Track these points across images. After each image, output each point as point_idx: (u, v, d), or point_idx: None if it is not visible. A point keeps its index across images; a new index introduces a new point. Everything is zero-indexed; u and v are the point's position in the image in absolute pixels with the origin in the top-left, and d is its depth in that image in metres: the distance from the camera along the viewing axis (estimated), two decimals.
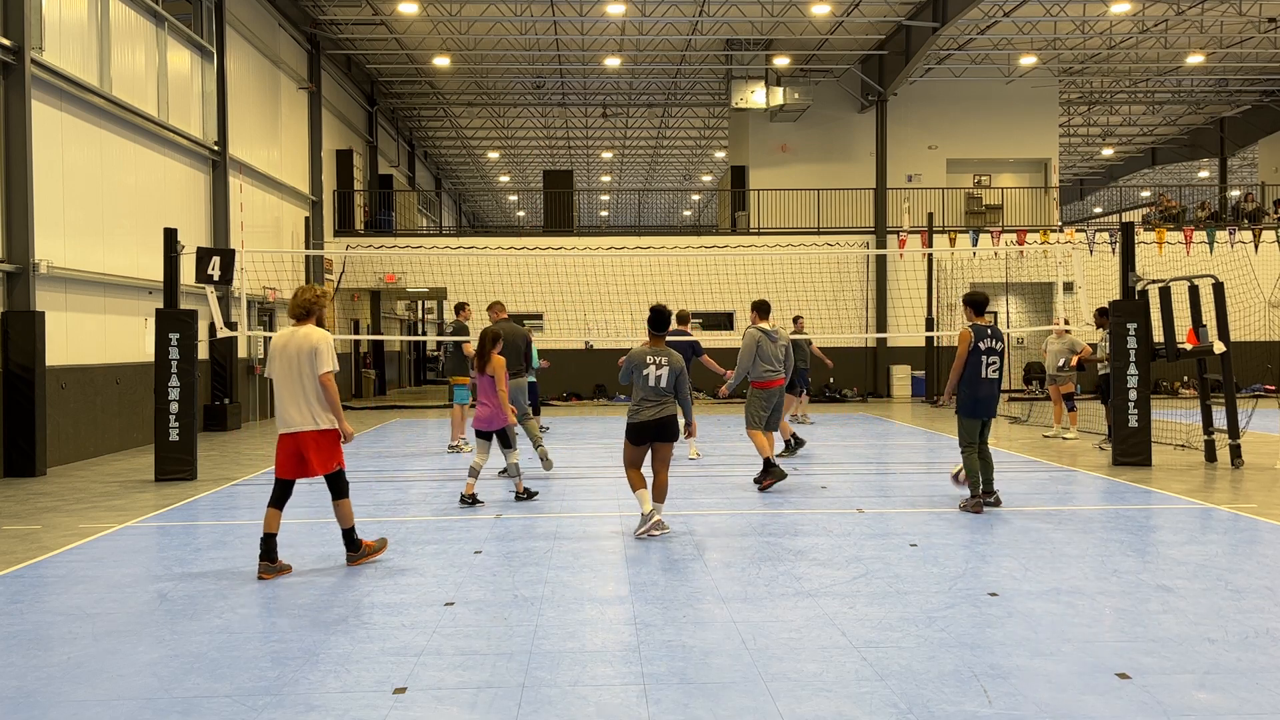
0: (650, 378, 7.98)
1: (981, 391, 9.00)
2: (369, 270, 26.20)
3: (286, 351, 6.88)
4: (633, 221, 54.74)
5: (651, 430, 8.01)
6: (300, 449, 6.87)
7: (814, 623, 5.66)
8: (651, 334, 8.15)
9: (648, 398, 7.98)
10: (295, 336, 6.90)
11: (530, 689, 4.65)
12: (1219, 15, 23.78)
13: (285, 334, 6.97)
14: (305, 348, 6.85)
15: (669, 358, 8.01)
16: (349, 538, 7.15)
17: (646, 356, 8.04)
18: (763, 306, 11.01)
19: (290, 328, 7.01)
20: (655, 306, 8.22)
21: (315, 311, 7.02)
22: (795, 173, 28.58)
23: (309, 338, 6.88)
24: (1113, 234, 23.45)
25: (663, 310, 8.21)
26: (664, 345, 8.14)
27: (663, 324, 8.13)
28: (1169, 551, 7.43)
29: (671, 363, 8.01)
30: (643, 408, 7.99)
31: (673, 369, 8.01)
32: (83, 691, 4.69)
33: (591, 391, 25.72)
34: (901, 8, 23.47)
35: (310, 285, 7.16)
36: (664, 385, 7.97)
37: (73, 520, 9.14)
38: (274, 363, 6.91)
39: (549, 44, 26.38)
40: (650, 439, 8.04)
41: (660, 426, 8.02)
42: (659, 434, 8.03)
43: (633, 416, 8.05)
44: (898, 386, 26.24)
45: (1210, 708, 4.37)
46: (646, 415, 7.99)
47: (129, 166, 15.52)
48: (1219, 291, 12.18)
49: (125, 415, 15.06)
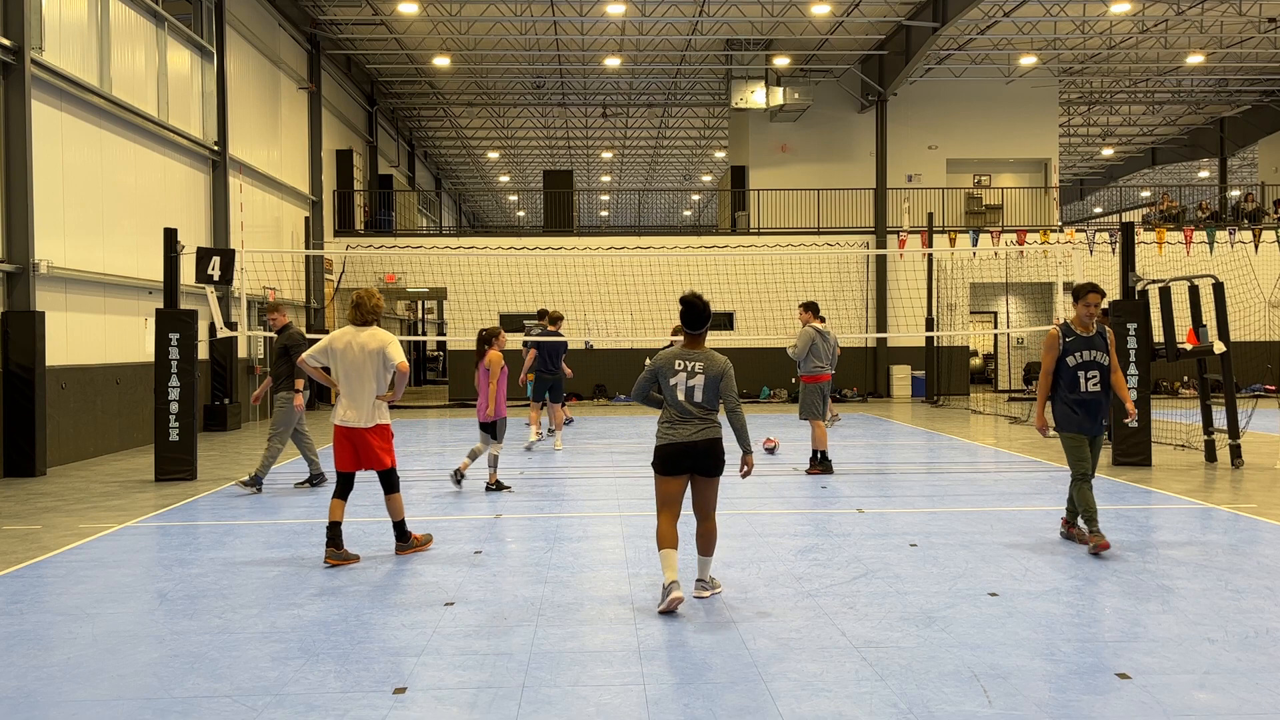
0: (679, 388, 6.04)
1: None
2: (369, 270, 26.20)
3: (351, 351, 7.18)
4: (633, 221, 54.69)
5: (684, 458, 6.00)
6: (354, 444, 7.21)
7: (814, 623, 5.66)
8: (685, 333, 6.21)
9: (678, 414, 6.07)
10: (361, 336, 7.21)
11: (530, 689, 4.65)
12: (1219, 15, 23.78)
13: (348, 334, 7.26)
14: (372, 346, 7.17)
15: (706, 362, 6.05)
16: (400, 529, 7.50)
17: (675, 361, 6.10)
18: (814, 306, 12.07)
19: (353, 328, 7.30)
20: (688, 297, 6.17)
21: (379, 318, 7.38)
22: (795, 173, 28.58)
23: (376, 337, 7.22)
24: (1113, 234, 23.46)
25: (697, 302, 6.13)
26: (703, 346, 6.16)
27: (700, 319, 6.13)
28: (1169, 551, 7.43)
29: (709, 369, 6.03)
30: (673, 426, 6.06)
31: (710, 377, 6.02)
32: (83, 691, 4.69)
33: (591, 391, 25.71)
34: (901, 8, 23.47)
35: (372, 291, 7.42)
36: (698, 399, 6.02)
37: (73, 520, 9.14)
38: (339, 361, 7.20)
39: (549, 44, 26.37)
40: (685, 469, 6.03)
41: (698, 453, 5.98)
42: (696, 464, 6.01)
43: (660, 437, 6.09)
44: (898, 386, 26.25)
45: (1210, 708, 4.37)
46: (678, 436, 6.02)
47: (129, 166, 15.52)
48: (1219, 291, 12.18)
49: (125, 415, 15.06)
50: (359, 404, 7.17)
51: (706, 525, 6.18)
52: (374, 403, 7.19)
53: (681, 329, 6.33)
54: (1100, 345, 7.54)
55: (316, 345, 7.41)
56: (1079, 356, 7.49)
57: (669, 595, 5.88)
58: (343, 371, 7.22)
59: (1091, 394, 7.47)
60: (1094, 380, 7.46)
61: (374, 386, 7.18)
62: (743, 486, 10.64)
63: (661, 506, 6.11)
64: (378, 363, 7.17)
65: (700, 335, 6.17)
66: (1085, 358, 7.48)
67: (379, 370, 7.19)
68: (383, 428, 7.29)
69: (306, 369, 7.51)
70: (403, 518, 7.53)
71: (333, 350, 7.26)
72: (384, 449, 7.31)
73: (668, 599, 5.88)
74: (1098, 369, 7.47)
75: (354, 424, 7.17)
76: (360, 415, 7.17)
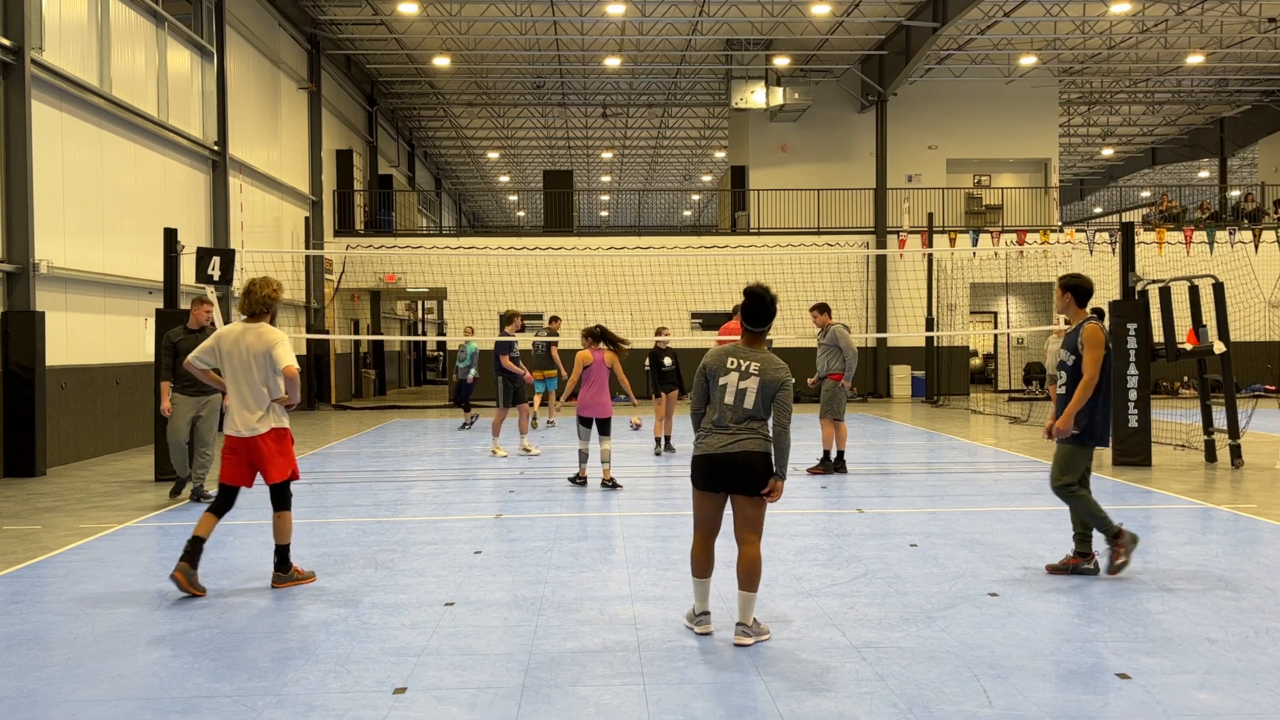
0: (729, 390, 5.29)
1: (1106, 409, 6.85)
2: (369, 270, 26.21)
3: (238, 350, 6.37)
4: (633, 221, 54.67)
5: (723, 472, 5.24)
6: (247, 455, 6.41)
7: (814, 623, 5.66)
8: (745, 330, 5.44)
9: (722, 421, 5.29)
10: (247, 337, 6.40)
11: (530, 689, 4.65)
12: (1219, 15, 23.78)
13: (235, 331, 6.45)
14: (258, 348, 6.37)
15: (764, 364, 5.30)
16: (282, 556, 6.55)
17: (728, 359, 5.35)
18: (828, 308, 12.00)
19: (241, 324, 6.49)
20: (754, 288, 5.47)
21: (273, 308, 6.57)
22: (795, 173, 28.58)
23: (263, 337, 6.39)
24: (1113, 234, 23.44)
25: (764, 295, 5.41)
26: (762, 347, 5.43)
27: (765, 314, 5.38)
28: (1169, 551, 7.43)
29: (765, 372, 5.28)
30: (711, 434, 5.34)
31: (766, 381, 5.26)
32: (83, 691, 4.69)
33: None
34: (901, 8, 23.47)
35: (267, 279, 6.61)
36: (748, 404, 5.26)
37: (73, 520, 9.14)
38: (225, 362, 6.43)
39: (549, 44, 26.38)
40: (723, 486, 5.28)
41: (736, 467, 5.22)
42: (735, 480, 5.24)
43: (697, 446, 5.39)
44: (898, 386, 26.26)
45: (1210, 708, 4.37)
46: (715, 445, 5.28)
47: (129, 166, 15.52)
48: (1219, 291, 12.18)
49: (125, 415, 15.06)
50: (249, 410, 6.36)
51: (746, 550, 5.30)
52: (268, 407, 6.39)
53: (740, 324, 5.51)
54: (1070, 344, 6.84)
55: (203, 344, 6.58)
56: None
57: (699, 625, 5.45)
58: (229, 374, 6.42)
59: None
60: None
61: (265, 391, 6.38)
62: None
63: (697, 525, 5.42)
64: (265, 366, 6.35)
65: (762, 333, 5.41)
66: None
67: (267, 374, 6.37)
68: (279, 433, 6.45)
69: (194, 371, 6.66)
70: (288, 542, 6.56)
71: (219, 350, 6.45)
72: (280, 458, 6.44)
73: (697, 628, 5.46)
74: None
75: (243, 432, 6.36)
76: (250, 422, 6.35)
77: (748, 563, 5.29)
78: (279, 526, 6.51)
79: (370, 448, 15.08)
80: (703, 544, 5.41)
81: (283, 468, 6.46)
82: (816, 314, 11.91)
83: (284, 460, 6.47)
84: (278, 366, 6.33)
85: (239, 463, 6.41)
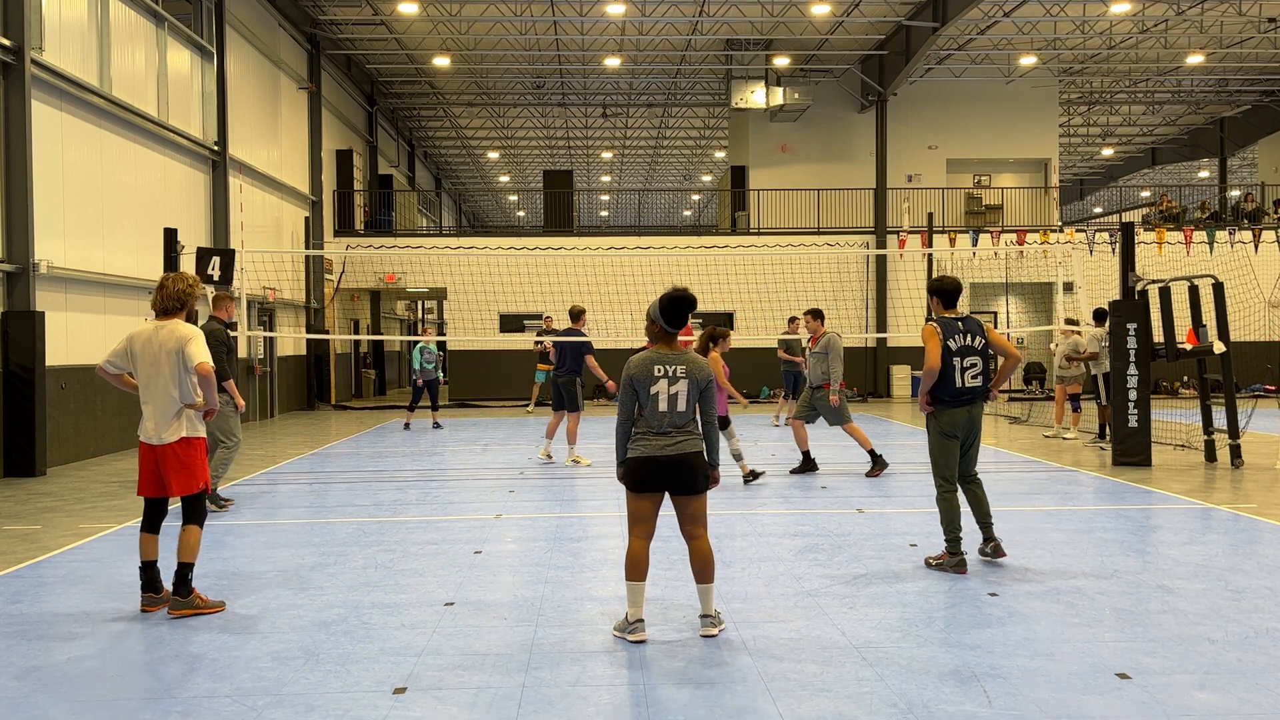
0: (661, 399, 5.29)
1: (960, 401, 6.98)
2: (369, 270, 26.21)
3: (150, 350, 5.96)
4: (633, 221, 54.71)
5: (657, 473, 5.29)
6: (159, 463, 5.96)
7: (814, 623, 5.66)
8: (663, 331, 5.43)
9: (660, 426, 5.31)
10: (160, 334, 5.98)
11: (530, 689, 4.65)
12: (1219, 15, 23.78)
13: (147, 331, 6.02)
14: (170, 346, 5.94)
15: (688, 364, 5.34)
16: (182, 575, 5.92)
17: (654, 366, 5.32)
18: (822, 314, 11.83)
19: (154, 323, 6.05)
20: (673, 293, 5.42)
21: (188, 305, 6.12)
22: (795, 173, 28.59)
23: (175, 334, 5.96)
24: (1113, 234, 23.47)
25: (684, 297, 5.40)
26: (680, 348, 5.45)
27: (682, 317, 5.39)
28: (1169, 551, 7.43)
29: (693, 374, 5.34)
30: (648, 436, 5.33)
31: (693, 382, 5.34)
32: (83, 691, 4.69)
33: (592, 391, 25.71)
34: (901, 8, 23.47)
35: (182, 274, 6.20)
36: (681, 408, 5.31)
37: (73, 520, 9.14)
38: (137, 364, 6.01)
39: (549, 44, 26.38)
40: (659, 487, 5.32)
41: (673, 468, 5.29)
42: (673, 481, 5.31)
43: (631, 448, 5.36)
44: (898, 386, 26.26)
45: (1210, 708, 4.37)
46: (655, 448, 5.29)
47: (129, 166, 15.52)
48: (1219, 291, 12.18)
49: (125, 415, 15.06)
50: (160, 415, 5.91)
51: (698, 544, 5.36)
52: (179, 412, 5.94)
53: (656, 328, 5.43)
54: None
55: (115, 347, 6.12)
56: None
57: (633, 633, 5.30)
58: (141, 377, 5.99)
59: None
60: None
61: (177, 394, 5.92)
62: (739, 485, 10.64)
63: (633, 524, 5.36)
64: (176, 365, 5.91)
65: (675, 335, 5.42)
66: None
67: (179, 374, 5.92)
68: (187, 442, 5.96)
69: (106, 377, 6.17)
70: (192, 560, 5.96)
71: (131, 352, 6.01)
72: (191, 468, 5.97)
73: (631, 636, 5.29)
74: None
75: (152, 440, 5.93)
76: (161, 428, 5.90)
77: (701, 556, 5.40)
78: (184, 541, 5.97)
79: (370, 448, 15.08)
80: (641, 543, 5.37)
81: (187, 482, 5.96)
82: (810, 319, 11.63)
83: (189, 473, 5.97)
84: (190, 364, 5.90)
85: (153, 472, 5.99)
